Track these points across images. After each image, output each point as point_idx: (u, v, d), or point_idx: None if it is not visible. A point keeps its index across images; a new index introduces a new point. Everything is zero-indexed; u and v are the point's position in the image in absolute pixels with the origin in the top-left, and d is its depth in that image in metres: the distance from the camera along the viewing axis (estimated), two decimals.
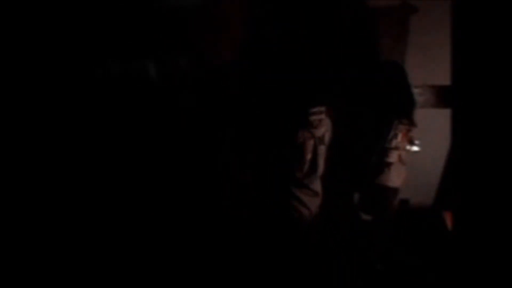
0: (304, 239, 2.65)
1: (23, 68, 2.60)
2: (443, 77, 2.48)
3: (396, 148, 2.72)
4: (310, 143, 2.62)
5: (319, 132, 2.63)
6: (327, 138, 2.66)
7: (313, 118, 2.62)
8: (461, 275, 1.89)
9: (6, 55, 2.58)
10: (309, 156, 2.62)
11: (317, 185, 2.66)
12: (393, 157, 2.72)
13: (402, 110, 2.74)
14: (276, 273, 2.54)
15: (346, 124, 2.74)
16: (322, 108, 2.64)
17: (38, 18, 2.61)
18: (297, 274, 2.54)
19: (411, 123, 2.73)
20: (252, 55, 2.71)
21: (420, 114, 2.77)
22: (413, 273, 2.62)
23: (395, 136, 2.71)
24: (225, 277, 2.51)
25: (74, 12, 2.65)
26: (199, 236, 2.62)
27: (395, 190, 2.76)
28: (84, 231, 2.59)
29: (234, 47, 2.73)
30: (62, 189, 2.61)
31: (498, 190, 1.78)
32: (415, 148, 2.74)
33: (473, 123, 1.81)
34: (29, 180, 2.58)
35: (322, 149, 2.64)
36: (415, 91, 2.79)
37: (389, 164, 2.72)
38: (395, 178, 2.73)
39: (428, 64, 2.90)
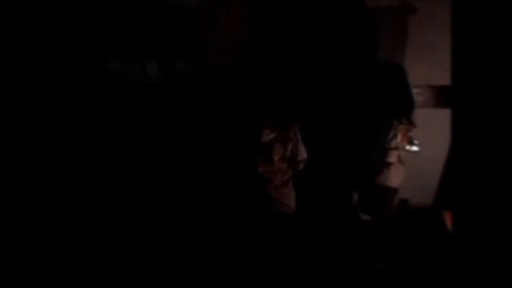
0: (280, 239, 2.63)
1: (23, 67, 2.60)
2: (443, 77, 2.48)
3: (396, 148, 2.72)
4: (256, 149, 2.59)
5: (264, 138, 2.58)
6: (277, 148, 2.58)
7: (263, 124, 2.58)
8: (461, 275, 1.89)
9: (5, 54, 2.58)
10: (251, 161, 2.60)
11: (268, 189, 2.61)
12: (392, 157, 2.72)
13: (402, 110, 2.74)
14: (276, 273, 2.54)
15: (345, 124, 2.74)
16: (267, 115, 2.59)
17: (38, 18, 2.61)
18: (297, 274, 2.54)
19: (411, 123, 2.73)
20: (252, 55, 2.71)
21: (420, 114, 2.77)
22: (413, 273, 2.62)
23: (395, 136, 2.72)
24: (225, 277, 2.51)
25: (73, 12, 2.65)
26: (199, 236, 2.62)
27: (394, 190, 2.77)
28: (84, 231, 2.59)
29: (234, 47, 2.73)
30: (61, 189, 2.61)
31: (498, 190, 1.78)
32: (414, 148, 2.75)
33: (473, 123, 1.81)
34: (28, 180, 2.59)
35: (273, 161, 2.58)
36: (415, 91, 2.79)
37: (388, 164, 2.72)
38: (394, 178, 2.74)
39: (428, 64, 2.90)
